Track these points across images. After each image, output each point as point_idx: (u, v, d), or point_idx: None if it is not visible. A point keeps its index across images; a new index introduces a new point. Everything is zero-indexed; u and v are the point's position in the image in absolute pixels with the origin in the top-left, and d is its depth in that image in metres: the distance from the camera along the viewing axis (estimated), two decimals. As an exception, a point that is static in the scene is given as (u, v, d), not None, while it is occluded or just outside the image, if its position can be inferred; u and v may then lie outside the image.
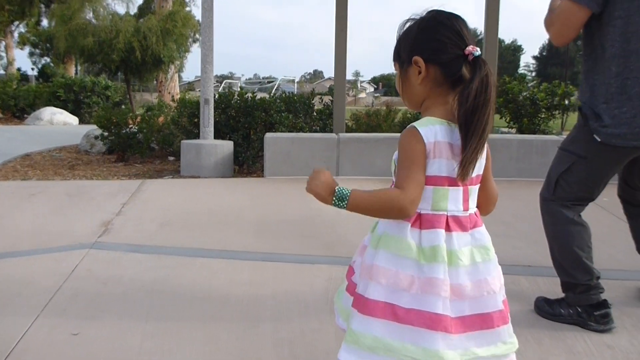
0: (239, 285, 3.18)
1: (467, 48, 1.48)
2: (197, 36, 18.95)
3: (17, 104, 17.13)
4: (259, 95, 8.30)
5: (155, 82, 20.44)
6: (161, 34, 16.09)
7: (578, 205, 2.70)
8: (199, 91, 7.64)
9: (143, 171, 7.71)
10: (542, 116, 7.84)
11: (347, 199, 1.49)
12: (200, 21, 8.13)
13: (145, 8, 24.44)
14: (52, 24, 20.25)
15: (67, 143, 10.47)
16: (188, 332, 2.59)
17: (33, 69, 39.17)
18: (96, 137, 9.06)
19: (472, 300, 1.50)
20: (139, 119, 8.70)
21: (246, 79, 64.79)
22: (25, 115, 16.78)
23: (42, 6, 29.64)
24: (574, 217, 2.68)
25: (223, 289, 3.12)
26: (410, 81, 1.58)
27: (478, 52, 1.48)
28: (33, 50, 41.12)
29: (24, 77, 32.29)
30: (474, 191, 1.58)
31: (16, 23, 32.24)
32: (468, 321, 1.49)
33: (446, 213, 1.51)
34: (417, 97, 1.59)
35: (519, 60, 73.21)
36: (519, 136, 6.91)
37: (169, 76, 19.05)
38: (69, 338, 2.51)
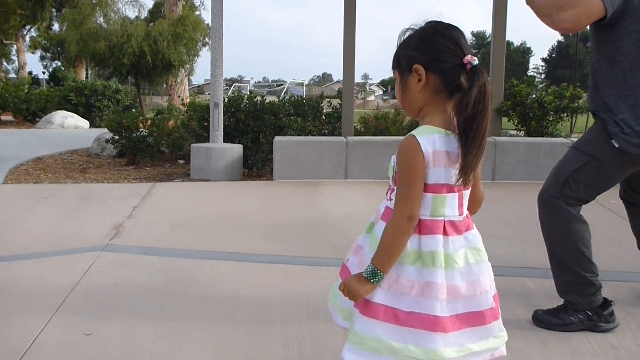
0: (249, 286, 3.23)
1: (466, 57, 1.53)
2: (207, 40, 19.07)
3: (29, 108, 17.29)
4: (268, 98, 8.36)
5: (165, 86, 20.56)
6: (172, 38, 16.21)
7: (578, 204, 2.72)
8: (209, 95, 7.70)
9: (153, 174, 7.78)
10: (550, 119, 7.82)
11: (375, 268, 1.57)
12: (209, 25, 8.20)
13: (155, 12, 24.55)
14: (64, 28, 20.47)
15: (79, 146, 10.57)
16: (199, 333, 2.64)
17: (44, 73, 39.52)
18: (107, 141, 9.15)
19: (466, 299, 1.57)
20: (149, 123, 8.78)
21: (255, 82, 64.91)
22: (37, 119, 16.94)
23: (54, 10, 29.88)
24: (577, 217, 2.70)
25: (233, 291, 3.16)
26: (410, 89, 1.62)
27: (476, 62, 1.53)
28: (44, 54, 41.47)
29: (35, 81, 32.59)
30: (467, 195, 1.64)
31: (27, 27, 32.54)
32: (462, 319, 1.57)
33: (444, 218, 1.58)
34: (416, 104, 1.64)
35: (528, 62, 72.92)
36: (527, 139, 6.92)
37: (179, 80, 19.17)
38: (82, 338, 2.57)
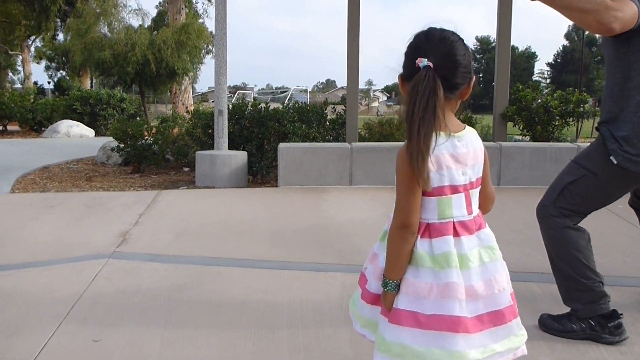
0: (255, 293, 3.23)
1: (417, 59, 1.52)
2: (211, 47, 19.12)
3: (35, 118, 17.36)
4: (272, 105, 8.38)
5: (169, 94, 20.63)
6: (175, 46, 16.27)
7: (575, 215, 2.71)
8: (213, 102, 7.73)
9: (159, 182, 7.80)
10: (556, 124, 7.81)
11: (385, 277, 1.61)
12: (213, 33, 8.23)
13: (159, 21, 24.71)
14: (68, 38, 20.55)
15: (84, 155, 10.61)
16: (205, 339, 2.64)
17: (49, 83, 39.79)
18: (112, 149, 9.18)
19: (485, 298, 1.57)
20: (154, 131, 8.80)
21: (259, 89, 65.08)
22: (42, 128, 17.00)
23: (58, 20, 30.04)
24: (570, 224, 2.69)
25: (239, 297, 3.17)
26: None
27: (424, 63, 1.51)
28: (49, 64, 41.72)
29: (41, 91, 32.75)
30: (475, 194, 1.64)
31: (32, 37, 32.73)
32: (483, 319, 1.56)
33: (452, 219, 1.58)
34: None
35: (533, 67, 72.86)
36: (533, 144, 6.92)
37: (183, 88, 19.22)
38: (91, 345, 2.57)
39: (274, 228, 4.71)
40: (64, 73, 39.61)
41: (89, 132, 15.67)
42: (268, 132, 7.60)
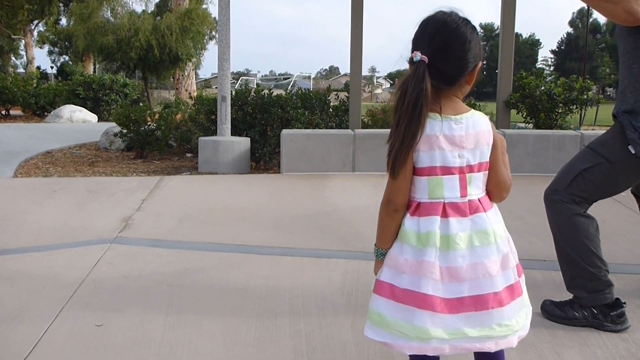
0: (257, 279, 3.24)
1: (413, 53, 1.55)
2: (214, 33, 19.06)
3: (38, 102, 17.38)
4: (275, 92, 8.36)
5: (172, 80, 20.58)
6: (179, 32, 16.21)
7: (584, 202, 2.70)
8: (216, 88, 7.71)
9: (161, 168, 7.81)
10: (560, 111, 7.77)
11: (376, 246, 1.69)
12: (216, 19, 8.20)
13: (162, 6, 24.60)
14: (71, 23, 20.50)
15: (87, 140, 10.63)
16: (208, 324, 2.65)
17: (52, 67, 39.68)
18: (115, 135, 9.19)
19: (470, 282, 1.57)
20: (157, 117, 8.80)
21: (262, 76, 64.87)
22: (45, 113, 17.02)
23: (61, 5, 29.96)
24: (580, 211, 2.68)
25: (241, 283, 3.18)
26: None
27: (417, 58, 1.53)
28: (52, 48, 41.67)
29: (44, 76, 32.72)
30: (475, 179, 1.62)
31: (35, 22, 32.66)
32: (464, 302, 1.57)
33: (443, 200, 1.59)
34: None
35: (537, 54, 72.58)
36: (536, 131, 6.88)
37: (186, 73, 19.18)
38: (93, 329, 2.59)
39: (277, 214, 4.71)
40: (67, 58, 39.56)
41: (92, 117, 15.68)
42: (271, 119, 7.59)
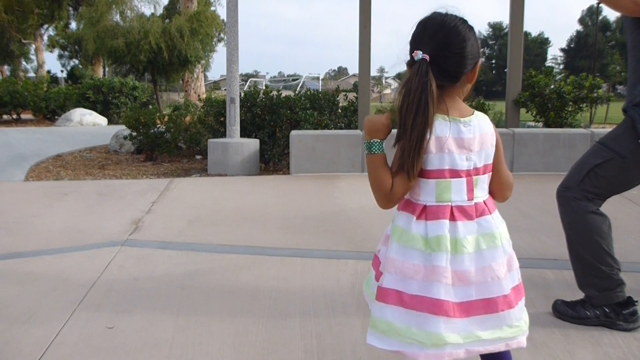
0: (267, 280, 3.24)
1: (414, 52, 1.53)
2: (222, 35, 19.10)
3: (48, 106, 17.48)
4: (284, 93, 8.37)
5: (181, 82, 20.66)
6: (188, 34, 16.28)
7: (597, 199, 2.68)
8: (225, 90, 7.73)
9: (171, 170, 7.83)
10: (569, 109, 7.73)
11: (367, 155, 1.66)
12: (225, 21, 8.22)
13: (170, 9, 24.68)
14: (81, 27, 20.62)
15: (97, 143, 10.68)
16: (218, 326, 2.66)
17: (62, 71, 39.90)
18: (125, 137, 9.23)
19: (477, 285, 1.56)
20: (167, 119, 8.83)
21: (271, 77, 64.91)
22: (55, 116, 17.12)
23: (71, 9, 30.14)
24: (593, 208, 2.65)
25: (251, 284, 3.18)
26: None
27: (418, 57, 1.51)
28: (62, 52, 41.86)
29: (54, 80, 32.90)
30: (481, 181, 1.61)
31: (45, 26, 32.86)
32: (473, 305, 1.55)
33: (450, 204, 1.57)
34: None
35: (546, 53, 72.11)
36: (546, 130, 6.85)
37: (195, 76, 19.24)
38: (104, 331, 2.60)
39: (286, 215, 4.71)
40: (77, 61, 39.74)
41: (102, 121, 15.75)
42: (280, 120, 7.60)
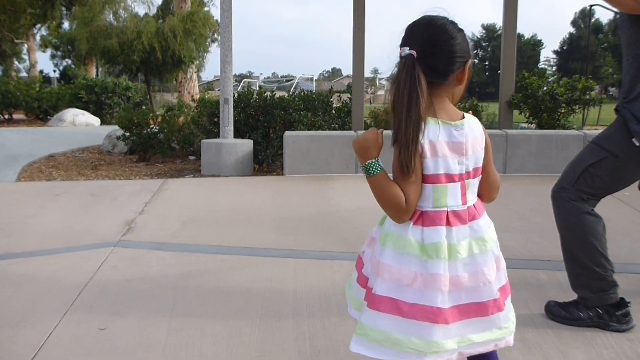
0: (261, 281, 3.24)
1: (400, 49, 1.53)
2: (216, 36, 19.06)
3: (41, 106, 17.41)
4: (278, 94, 8.37)
5: (175, 83, 20.61)
6: (182, 34, 16.23)
7: (592, 199, 2.69)
8: (218, 91, 7.71)
9: (164, 170, 7.81)
10: (562, 111, 7.77)
11: (367, 177, 1.60)
12: (218, 21, 8.21)
13: (164, 9, 24.61)
14: (74, 27, 20.52)
15: (90, 144, 10.64)
16: (212, 327, 2.65)
17: (55, 71, 39.81)
18: (118, 138, 9.20)
19: (469, 290, 1.56)
20: (160, 119, 8.81)
21: (265, 78, 64.98)
22: (48, 117, 17.05)
23: (64, 9, 30.01)
24: (588, 209, 2.66)
25: (245, 285, 3.17)
26: None
27: (405, 53, 1.51)
28: (55, 52, 41.75)
29: (46, 80, 32.80)
30: (472, 184, 1.61)
31: (38, 26, 32.72)
32: (463, 309, 1.55)
33: (446, 209, 1.55)
34: None
35: (539, 54, 72.33)
36: (539, 132, 6.87)
37: (189, 76, 19.19)
38: (97, 333, 2.58)
39: (280, 216, 4.71)
40: (70, 61, 39.62)
41: (95, 121, 15.71)
42: (274, 121, 7.59)
